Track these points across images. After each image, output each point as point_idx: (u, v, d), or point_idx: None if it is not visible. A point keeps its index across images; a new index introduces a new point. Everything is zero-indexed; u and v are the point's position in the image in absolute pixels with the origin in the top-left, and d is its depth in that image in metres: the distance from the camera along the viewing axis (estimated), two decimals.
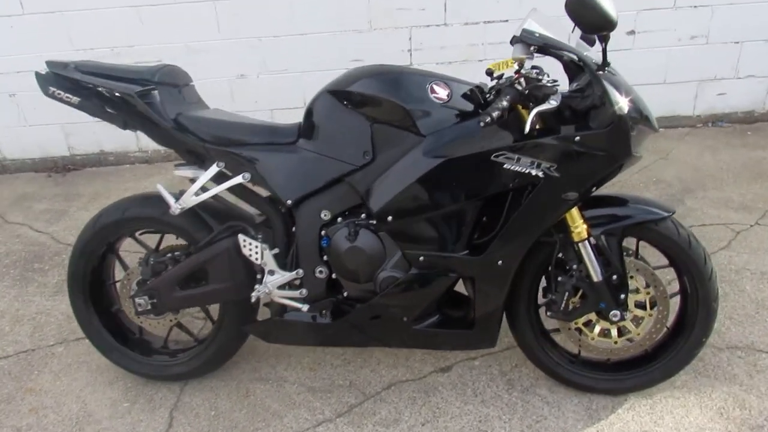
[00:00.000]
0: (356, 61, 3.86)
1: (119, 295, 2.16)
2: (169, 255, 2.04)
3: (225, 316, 2.09)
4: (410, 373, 2.22)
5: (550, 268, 1.91)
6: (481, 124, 1.54)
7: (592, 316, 1.92)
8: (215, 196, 1.96)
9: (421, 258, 1.78)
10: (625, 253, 1.93)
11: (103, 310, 2.20)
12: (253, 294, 1.92)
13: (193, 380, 2.24)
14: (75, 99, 1.94)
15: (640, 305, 1.92)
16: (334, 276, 1.91)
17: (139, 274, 2.07)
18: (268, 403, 2.13)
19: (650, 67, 3.90)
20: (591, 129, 1.65)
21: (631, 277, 1.89)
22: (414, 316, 1.89)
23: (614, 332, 1.95)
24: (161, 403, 2.17)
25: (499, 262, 1.77)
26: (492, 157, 1.66)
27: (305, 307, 1.92)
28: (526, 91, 1.63)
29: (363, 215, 1.83)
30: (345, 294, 1.92)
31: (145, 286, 2.04)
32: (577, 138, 1.64)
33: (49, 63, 1.97)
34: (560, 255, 1.87)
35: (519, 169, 1.66)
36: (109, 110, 1.93)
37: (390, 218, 1.75)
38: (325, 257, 1.89)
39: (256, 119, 2.05)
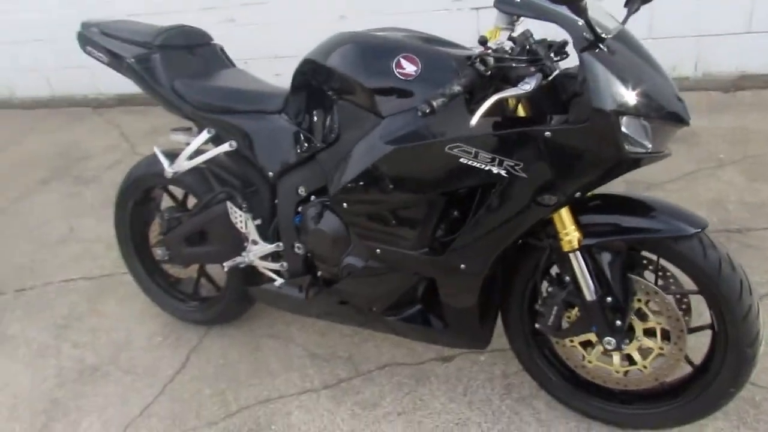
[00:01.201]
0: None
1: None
2: (181, 212, 2.14)
3: (231, 276, 2.16)
4: (410, 356, 2.11)
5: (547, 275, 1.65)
6: (419, 113, 1.31)
7: (592, 335, 1.63)
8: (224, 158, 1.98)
9: (378, 251, 1.63)
10: (645, 269, 1.58)
11: (145, 251, 2.40)
12: (232, 261, 1.94)
13: (219, 326, 2.39)
14: (105, 58, 2.06)
15: (651, 333, 1.57)
16: None
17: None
18: (269, 362, 2.20)
19: None
20: (567, 123, 1.33)
21: (639, 300, 1.54)
22: (382, 307, 1.77)
23: (616, 359, 1.64)
24: (185, 343, 2.35)
25: (462, 266, 1.55)
26: (446, 149, 1.42)
27: (279, 281, 1.91)
28: (488, 73, 1.33)
29: None
30: (319, 273, 1.85)
31: (162, 238, 2.18)
32: (548, 133, 1.33)
33: (82, 24, 2.10)
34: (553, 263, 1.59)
35: (477, 165, 1.40)
36: (124, 71, 2.02)
37: (345, 205, 1.62)
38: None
39: (262, 83, 2.00)
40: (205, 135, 1.91)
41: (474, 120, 1.29)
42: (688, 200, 2.59)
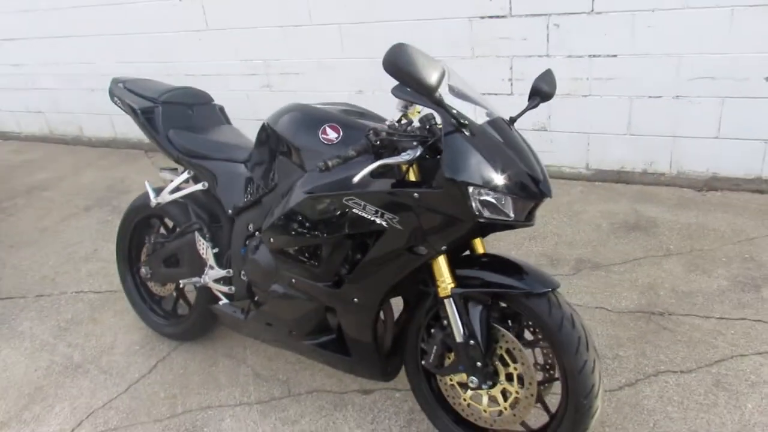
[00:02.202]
0: None
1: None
2: (164, 239, 2.55)
3: (198, 295, 2.53)
4: (337, 385, 2.39)
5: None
6: (317, 170, 1.66)
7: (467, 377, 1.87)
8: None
9: (293, 280, 1.97)
10: (520, 323, 1.84)
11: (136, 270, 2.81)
12: (188, 280, 2.32)
13: (189, 342, 2.74)
14: (124, 108, 2.55)
15: (511, 378, 1.81)
16: None
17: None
18: (220, 376, 2.52)
19: None
20: (431, 188, 1.65)
21: (501, 348, 1.79)
22: (302, 332, 2.08)
23: (485, 400, 1.87)
24: (157, 353, 2.72)
25: (355, 299, 1.86)
26: (343, 200, 1.76)
27: (224, 300, 2.26)
28: (377, 142, 1.68)
29: None
30: (256, 298, 2.19)
31: (147, 258, 2.59)
32: (416, 195, 1.65)
33: (112, 79, 2.62)
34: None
35: (365, 216, 1.74)
36: (134, 119, 2.50)
37: (271, 240, 1.97)
38: None
39: (243, 138, 2.42)
40: (185, 175, 2.34)
41: (356, 178, 1.63)
42: (626, 282, 2.80)
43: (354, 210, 1.75)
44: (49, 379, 2.63)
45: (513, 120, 1.84)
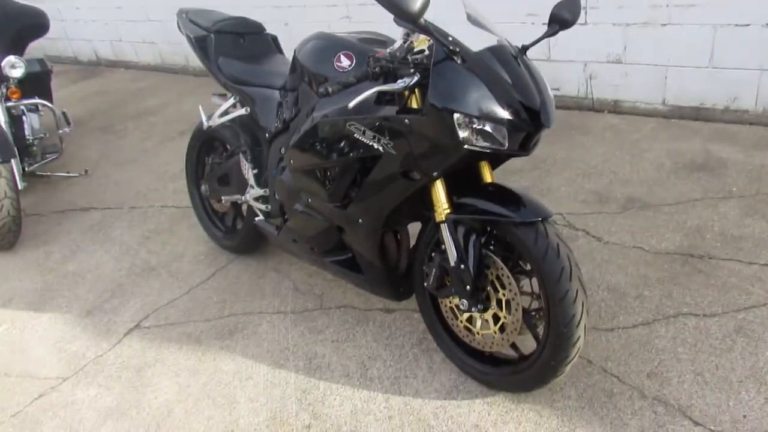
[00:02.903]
0: (531, 15, 3.80)
1: None
2: (220, 159, 2.80)
3: (247, 212, 2.77)
4: (364, 303, 2.57)
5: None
6: (319, 95, 1.77)
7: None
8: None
9: (309, 200, 2.12)
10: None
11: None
12: (230, 197, 2.55)
13: (244, 255, 3.04)
14: (185, 37, 2.78)
15: (501, 304, 1.87)
16: None
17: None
18: (265, 287, 2.79)
19: None
20: (420, 114, 1.70)
21: (492, 274, 1.85)
22: (320, 249, 2.25)
23: (478, 323, 1.96)
24: (216, 263, 3.04)
25: (360, 220, 1.98)
26: (347, 125, 1.86)
27: (261, 217, 2.47)
28: (376, 69, 1.75)
29: None
30: (286, 216, 2.38)
31: (206, 177, 2.86)
32: (406, 121, 1.71)
33: (178, 11, 2.83)
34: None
35: (364, 140, 1.83)
36: (192, 48, 2.72)
37: (292, 161, 2.13)
38: None
39: (285, 67, 2.55)
40: (231, 101, 2.53)
41: (351, 104, 1.72)
42: (673, 223, 2.69)
43: (355, 134, 1.85)
44: (129, 278, 3.04)
45: (525, 48, 1.82)
